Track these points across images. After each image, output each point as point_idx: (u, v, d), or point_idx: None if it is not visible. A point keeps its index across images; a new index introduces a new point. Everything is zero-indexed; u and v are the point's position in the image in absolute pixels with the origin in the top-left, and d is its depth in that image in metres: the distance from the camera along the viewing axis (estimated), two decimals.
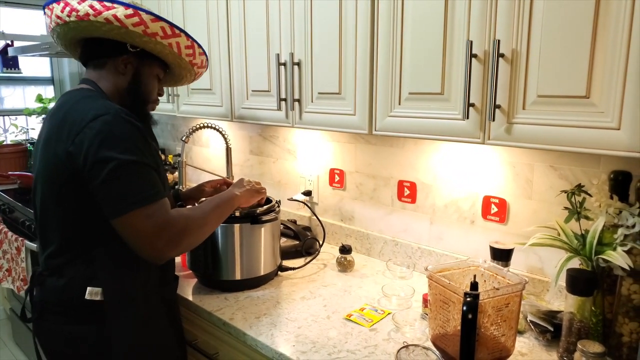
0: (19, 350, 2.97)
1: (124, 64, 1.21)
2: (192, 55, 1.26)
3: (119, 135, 1.05)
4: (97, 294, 1.12)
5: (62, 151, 1.07)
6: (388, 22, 1.24)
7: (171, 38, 1.18)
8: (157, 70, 1.27)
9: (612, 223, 1.09)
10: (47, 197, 1.14)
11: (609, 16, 0.89)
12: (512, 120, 1.05)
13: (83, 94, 1.17)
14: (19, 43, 3.32)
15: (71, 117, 1.09)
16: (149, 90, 1.26)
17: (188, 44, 1.23)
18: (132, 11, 1.10)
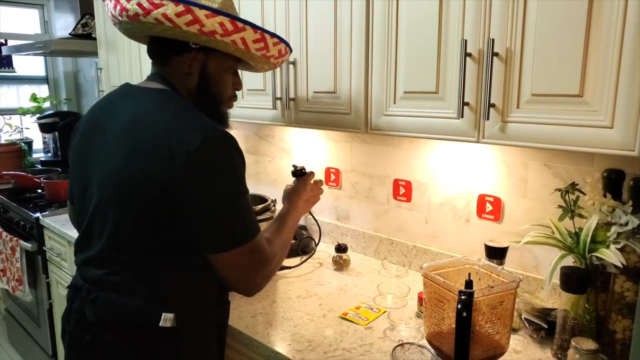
0: (14, 350, 2.96)
1: (189, 63, 1.06)
2: (264, 48, 1.09)
3: (229, 164, 0.96)
4: (170, 320, 1.00)
5: (158, 171, 0.93)
6: (383, 21, 1.24)
7: (234, 34, 1.02)
8: (229, 64, 1.10)
9: (605, 221, 1.09)
10: (126, 211, 0.99)
11: (602, 15, 0.89)
12: (506, 119, 1.05)
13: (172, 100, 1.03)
14: (13, 42, 3.31)
15: (170, 135, 0.94)
16: (222, 88, 1.11)
17: (257, 37, 1.06)
18: (182, 7, 0.97)
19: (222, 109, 1.15)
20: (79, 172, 1.10)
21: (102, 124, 1.07)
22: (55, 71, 3.73)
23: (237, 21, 1.02)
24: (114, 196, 1.00)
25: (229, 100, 1.15)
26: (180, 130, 0.95)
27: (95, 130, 1.08)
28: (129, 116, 1.01)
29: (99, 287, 1.02)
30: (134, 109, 1.02)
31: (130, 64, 2.30)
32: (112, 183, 1.00)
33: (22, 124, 3.52)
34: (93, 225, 1.05)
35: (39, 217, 2.37)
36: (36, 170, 3.08)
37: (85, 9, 2.85)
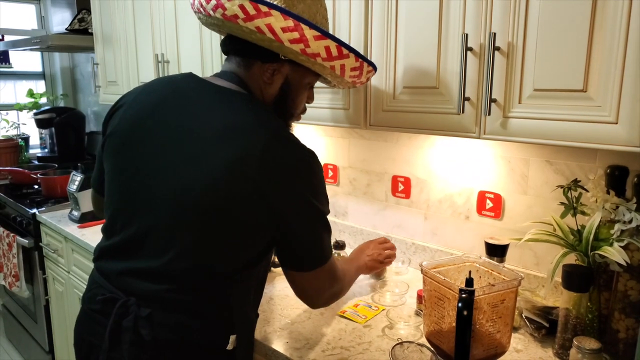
0: (11, 346, 2.95)
1: (271, 73, 1.00)
2: (359, 76, 1.08)
3: (321, 185, 0.97)
4: (234, 342, 0.95)
5: (252, 191, 0.87)
6: (382, 14, 1.22)
7: (336, 60, 0.98)
8: (309, 79, 1.06)
9: (608, 218, 1.08)
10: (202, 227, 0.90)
11: (606, 8, 0.87)
12: (508, 114, 1.03)
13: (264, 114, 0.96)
14: (9, 37, 3.28)
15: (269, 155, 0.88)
16: (298, 103, 1.08)
17: (356, 66, 1.03)
18: (292, 23, 0.91)
19: (292, 122, 1.11)
20: (125, 165, 0.98)
21: (170, 117, 0.95)
22: (52, 67, 3.70)
23: (343, 47, 0.98)
24: (200, 210, 0.89)
25: (300, 113, 1.13)
26: (281, 150, 0.90)
27: (157, 122, 0.96)
28: (221, 123, 0.91)
29: (156, 304, 0.91)
30: (225, 114, 0.93)
31: (127, 59, 2.28)
32: (200, 194, 0.89)
33: (18, 120, 3.50)
34: (149, 234, 0.93)
35: (35, 213, 2.36)
36: (33, 166, 3.06)
37: (82, 4, 2.83)
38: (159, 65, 2.01)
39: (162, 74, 2.02)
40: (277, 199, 0.90)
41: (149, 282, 0.92)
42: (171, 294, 0.91)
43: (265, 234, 0.94)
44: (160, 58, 2.01)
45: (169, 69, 2.00)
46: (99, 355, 0.94)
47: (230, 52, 1.04)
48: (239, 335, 0.97)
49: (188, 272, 0.91)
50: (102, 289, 0.98)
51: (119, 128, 1.01)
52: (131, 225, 0.95)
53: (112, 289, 0.96)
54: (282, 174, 0.89)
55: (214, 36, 1.75)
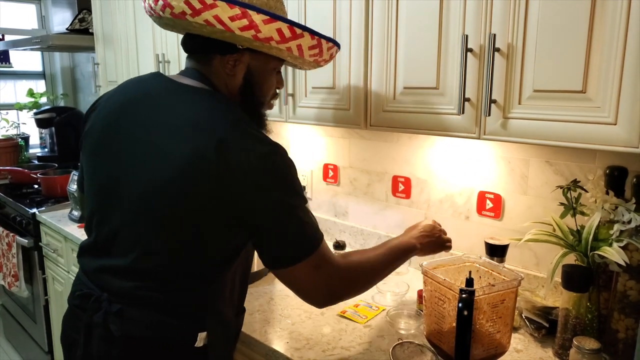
0: (10, 346, 2.95)
1: (232, 64, 1.00)
2: (319, 54, 1.05)
3: (286, 177, 0.92)
4: (204, 339, 0.96)
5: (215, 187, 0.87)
6: (382, 15, 1.23)
7: (291, 41, 0.96)
8: (273, 64, 1.05)
9: (608, 219, 1.08)
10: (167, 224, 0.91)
11: (605, 10, 0.88)
12: (507, 115, 1.03)
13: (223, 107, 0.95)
14: (10, 37, 3.28)
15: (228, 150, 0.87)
16: (265, 89, 1.06)
17: (313, 44, 1.01)
18: (239, 11, 0.90)
19: (263, 110, 1.09)
20: (98, 166, 1.00)
21: (138, 117, 0.96)
22: (52, 66, 3.70)
23: (296, 27, 0.96)
24: (161, 208, 0.90)
25: (271, 100, 1.11)
26: (239, 144, 0.88)
27: (126, 121, 0.97)
28: (180, 120, 0.91)
29: (125, 300, 0.93)
30: (185, 111, 0.93)
31: (127, 59, 2.28)
32: (160, 193, 0.90)
33: (18, 119, 3.50)
34: (119, 233, 0.95)
35: (35, 213, 2.36)
36: (33, 165, 3.06)
37: (83, 4, 2.83)
38: (160, 65, 2.01)
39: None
40: (239, 196, 0.88)
41: (119, 279, 0.94)
42: (139, 291, 0.93)
43: (230, 232, 0.93)
44: (160, 58, 2.01)
45: (170, 68, 2.00)
46: (78, 349, 0.97)
47: (190, 50, 1.04)
48: (211, 332, 0.97)
49: (153, 270, 0.93)
50: (82, 285, 1.01)
51: (93, 129, 1.03)
52: (104, 224, 0.98)
53: (90, 285, 0.99)
54: (241, 169, 0.87)
55: None
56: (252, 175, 0.87)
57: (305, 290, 0.97)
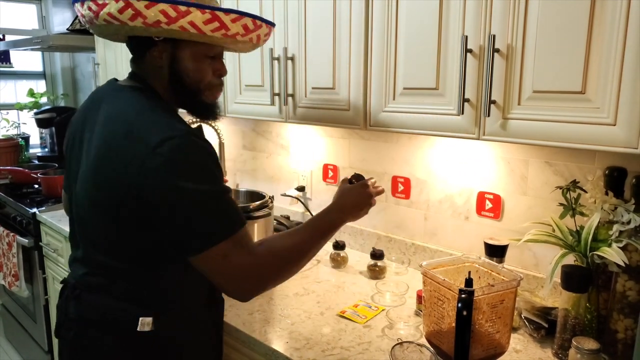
0: (10, 346, 2.95)
1: (159, 56, 1.02)
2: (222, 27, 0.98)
3: (190, 161, 0.91)
4: (149, 324, 0.99)
5: (123, 173, 0.92)
6: (382, 16, 1.23)
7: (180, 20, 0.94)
8: (201, 50, 1.02)
9: (607, 219, 1.08)
10: (97, 213, 1.00)
11: (604, 10, 0.88)
12: (507, 115, 1.04)
13: (138, 100, 1.00)
14: (10, 37, 3.28)
15: (131, 138, 0.92)
16: (198, 77, 1.04)
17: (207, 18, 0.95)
18: (122, 3, 0.91)
19: (204, 99, 1.07)
20: (68, 168, 1.14)
21: (88, 120, 1.06)
22: (53, 66, 3.70)
23: (180, 5, 0.93)
24: (89, 198, 1.01)
25: (209, 88, 1.07)
26: (140, 132, 0.92)
27: (82, 125, 1.08)
28: (103, 116, 1.00)
29: (83, 286, 1.05)
30: (108, 108, 1.01)
31: (127, 59, 2.27)
32: (86, 185, 1.01)
33: (19, 119, 3.50)
34: (77, 226, 1.08)
35: (35, 213, 2.36)
36: (33, 165, 3.06)
37: None
38: None
39: None
40: (143, 183, 0.90)
41: (80, 266, 1.07)
42: (90, 277, 1.05)
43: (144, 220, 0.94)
44: None
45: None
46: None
47: (131, 54, 1.09)
48: (163, 320, 1.01)
49: (100, 259, 1.03)
50: (67, 276, 1.15)
51: (65, 143, 1.17)
52: (72, 221, 1.13)
53: (69, 275, 1.13)
54: (142, 155, 0.89)
55: None
56: (155, 161, 0.88)
57: (220, 279, 0.95)
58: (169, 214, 0.91)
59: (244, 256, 0.94)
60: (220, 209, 0.93)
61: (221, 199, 0.94)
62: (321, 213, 1.12)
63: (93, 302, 1.03)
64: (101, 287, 1.03)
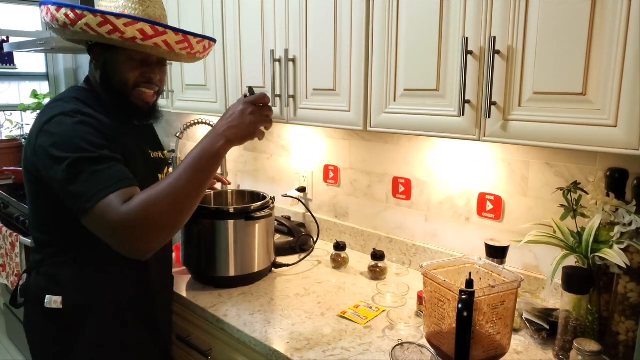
0: (12, 345, 2.96)
1: (95, 59, 1.17)
2: (188, 47, 1.13)
3: (68, 134, 1.01)
4: (57, 302, 1.12)
5: (30, 153, 1.07)
6: (383, 18, 1.23)
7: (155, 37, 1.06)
8: (129, 53, 1.12)
9: (608, 221, 1.08)
10: (27, 196, 1.16)
11: (605, 12, 0.88)
12: (508, 117, 1.04)
13: (64, 94, 1.16)
14: (14, 39, 3.30)
15: (37, 118, 1.09)
16: (123, 78, 1.13)
17: (180, 39, 1.10)
18: (101, 18, 1.02)
19: (131, 99, 1.16)
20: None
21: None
22: (56, 68, 3.72)
23: (158, 26, 1.05)
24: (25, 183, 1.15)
25: (134, 88, 1.14)
26: (42, 115, 1.08)
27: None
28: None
29: (32, 265, 1.20)
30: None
31: None
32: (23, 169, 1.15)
33: (22, 120, 3.51)
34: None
35: None
36: None
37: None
38: None
39: None
40: (34, 155, 1.05)
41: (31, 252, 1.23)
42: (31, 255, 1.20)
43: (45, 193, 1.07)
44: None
45: (172, 70, 2.01)
46: None
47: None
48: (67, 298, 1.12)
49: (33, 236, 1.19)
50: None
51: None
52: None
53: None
54: (34, 131, 1.06)
55: (217, 33, 1.76)
56: (41, 136, 1.03)
57: (106, 237, 0.98)
58: (52, 182, 1.02)
59: (120, 213, 0.94)
60: (93, 173, 0.99)
61: (94, 164, 0.99)
62: (198, 143, 1.03)
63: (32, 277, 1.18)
64: (35, 265, 1.17)
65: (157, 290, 1.28)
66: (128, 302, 1.20)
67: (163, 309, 1.35)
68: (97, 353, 1.17)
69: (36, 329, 1.19)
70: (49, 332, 1.16)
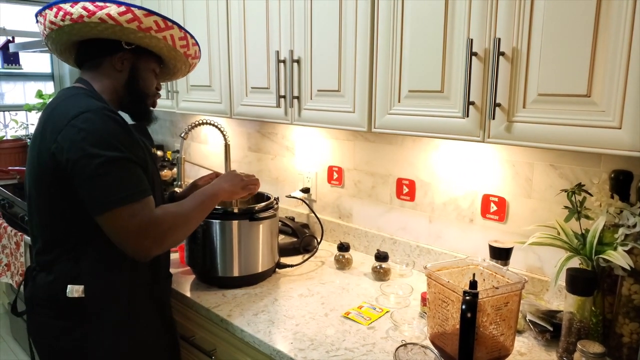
0: (17, 345, 2.97)
1: (121, 61, 1.22)
2: (186, 46, 1.27)
3: (102, 131, 1.05)
4: (79, 291, 1.13)
5: (46, 150, 1.08)
6: (388, 19, 1.23)
7: (165, 31, 1.19)
8: (153, 65, 1.28)
9: (612, 223, 1.08)
10: (35, 194, 1.16)
11: (610, 14, 0.88)
12: (512, 118, 1.04)
13: (72, 92, 1.17)
14: (20, 39, 3.32)
15: (56, 115, 1.11)
16: (148, 85, 1.28)
17: (181, 36, 1.23)
18: (124, 8, 1.12)
19: (148, 103, 1.30)
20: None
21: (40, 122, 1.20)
22: (61, 68, 3.74)
23: (167, 20, 1.18)
24: (31, 184, 1.17)
25: (152, 96, 1.31)
26: (63, 109, 1.10)
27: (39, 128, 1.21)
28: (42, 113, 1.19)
29: (37, 267, 1.20)
30: (46, 107, 1.19)
31: None
32: (29, 173, 1.18)
33: (27, 120, 3.53)
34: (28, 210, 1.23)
35: None
36: None
37: None
38: None
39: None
40: (60, 149, 1.05)
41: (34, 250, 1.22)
42: (39, 256, 1.19)
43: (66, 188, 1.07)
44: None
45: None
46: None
47: (80, 62, 1.25)
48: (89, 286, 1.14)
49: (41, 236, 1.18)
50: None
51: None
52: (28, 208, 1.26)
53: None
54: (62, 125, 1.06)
55: (222, 38, 1.77)
56: (70, 130, 1.05)
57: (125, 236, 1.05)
58: (79, 177, 1.04)
59: (153, 217, 1.07)
60: (126, 175, 1.06)
61: (127, 166, 1.07)
62: (203, 188, 1.31)
63: (41, 279, 1.17)
64: (47, 265, 1.17)
65: (164, 278, 1.34)
66: (144, 287, 1.23)
67: (168, 299, 1.37)
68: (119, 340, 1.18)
69: (48, 332, 1.18)
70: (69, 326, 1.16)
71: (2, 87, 3.48)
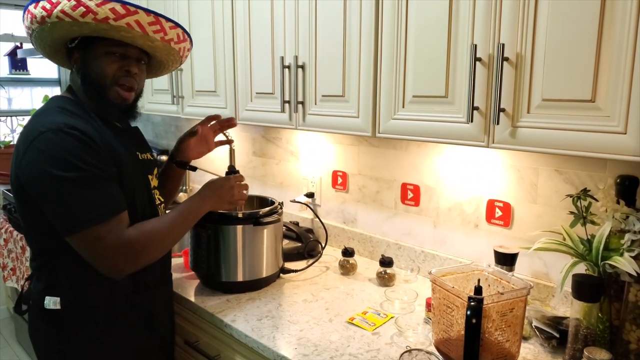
0: (21, 349, 2.98)
1: (74, 63, 1.17)
2: (162, 30, 1.14)
3: (61, 151, 1.02)
4: (56, 303, 1.13)
5: (14, 169, 1.08)
6: (392, 25, 1.24)
7: (126, 17, 1.07)
8: (103, 49, 1.14)
9: (618, 228, 1.07)
10: (17, 206, 1.16)
11: (614, 18, 0.88)
12: (516, 123, 1.04)
13: (48, 105, 1.15)
14: (27, 45, 3.35)
15: (24, 134, 1.09)
16: (102, 72, 1.15)
17: (151, 20, 1.11)
18: (74, 2, 1.04)
19: (109, 95, 1.17)
20: None
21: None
22: (68, 73, 3.76)
23: (128, 5, 1.07)
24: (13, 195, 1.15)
25: (114, 83, 1.16)
26: (31, 128, 1.07)
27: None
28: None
29: (32, 273, 1.22)
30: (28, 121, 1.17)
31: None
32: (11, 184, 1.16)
33: None
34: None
35: None
36: None
37: None
38: (173, 73, 2.04)
39: (175, 81, 2.06)
40: (22, 172, 1.05)
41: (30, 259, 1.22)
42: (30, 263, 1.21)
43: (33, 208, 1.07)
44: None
45: (182, 76, 2.03)
46: None
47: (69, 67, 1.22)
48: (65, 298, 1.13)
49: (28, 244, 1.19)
50: None
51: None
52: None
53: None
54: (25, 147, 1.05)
55: (227, 44, 1.78)
56: (30, 152, 1.03)
57: (93, 258, 1.06)
58: (42, 199, 1.04)
59: (123, 238, 1.06)
60: (88, 196, 1.03)
61: (91, 185, 1.04)
62: (187, 199, 1.26)
63: (32, 284, 1.20)
64: (35, 272, 1.19)
65: (153, 287, 1.28)
66: (125, 299, 1.19)
67: (162, 307, 1.33)
68: (98, 353, 1.17)
69: (38, 333, 1.21)
70: (51, 335, 1.17)
71: (10, 92, 3.52)
